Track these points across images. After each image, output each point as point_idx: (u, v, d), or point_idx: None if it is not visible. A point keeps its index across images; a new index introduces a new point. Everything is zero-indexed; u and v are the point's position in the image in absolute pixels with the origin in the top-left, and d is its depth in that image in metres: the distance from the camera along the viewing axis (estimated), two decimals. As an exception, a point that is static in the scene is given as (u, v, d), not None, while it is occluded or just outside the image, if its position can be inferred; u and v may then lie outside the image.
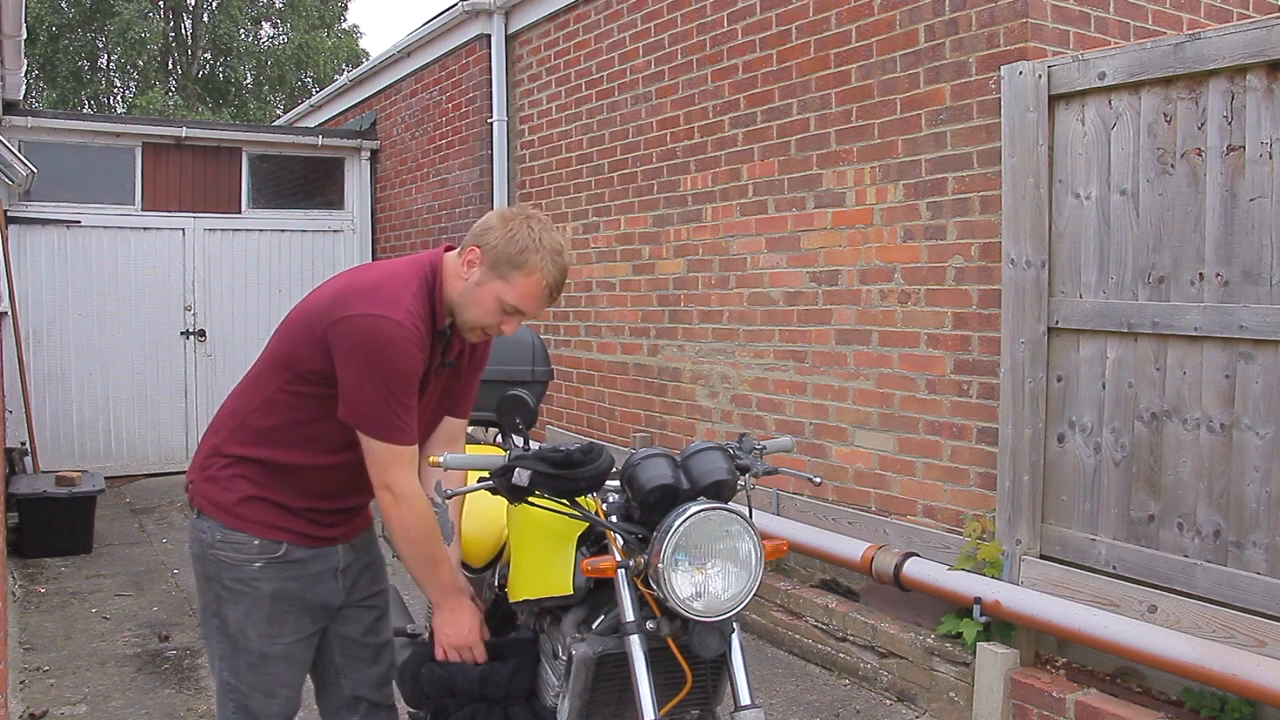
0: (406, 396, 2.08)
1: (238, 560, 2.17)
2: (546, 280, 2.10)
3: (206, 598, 2.24)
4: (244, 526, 2.17)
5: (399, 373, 2.06)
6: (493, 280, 2.10)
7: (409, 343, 2.05)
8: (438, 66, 7.91)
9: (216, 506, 2.20)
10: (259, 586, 2.17)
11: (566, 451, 2.10)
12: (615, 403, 6.09)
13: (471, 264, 2.12)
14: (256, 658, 2.20)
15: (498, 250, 2.09)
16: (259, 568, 2.17)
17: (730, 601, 2.01)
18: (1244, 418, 3.07)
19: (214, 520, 2.19)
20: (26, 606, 5.01)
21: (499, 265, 2.09)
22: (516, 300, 2.11)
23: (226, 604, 2.19)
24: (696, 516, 1.97)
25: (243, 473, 2.19)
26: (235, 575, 2.18)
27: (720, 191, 5.24)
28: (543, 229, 2.11)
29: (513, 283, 2.09)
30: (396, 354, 2.04)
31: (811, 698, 4.00)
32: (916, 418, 4.19)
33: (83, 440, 8.04)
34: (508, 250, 2.08)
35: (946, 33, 4.03)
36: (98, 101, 22.95)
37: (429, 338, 2.13)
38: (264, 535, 2.17)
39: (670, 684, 2.07)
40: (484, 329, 2.18)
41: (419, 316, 2.09)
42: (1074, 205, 3.55)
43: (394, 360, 2.04)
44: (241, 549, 2.17)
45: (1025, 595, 3.50)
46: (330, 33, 23.74)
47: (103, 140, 8.10)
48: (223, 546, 2.18)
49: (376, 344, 2.03)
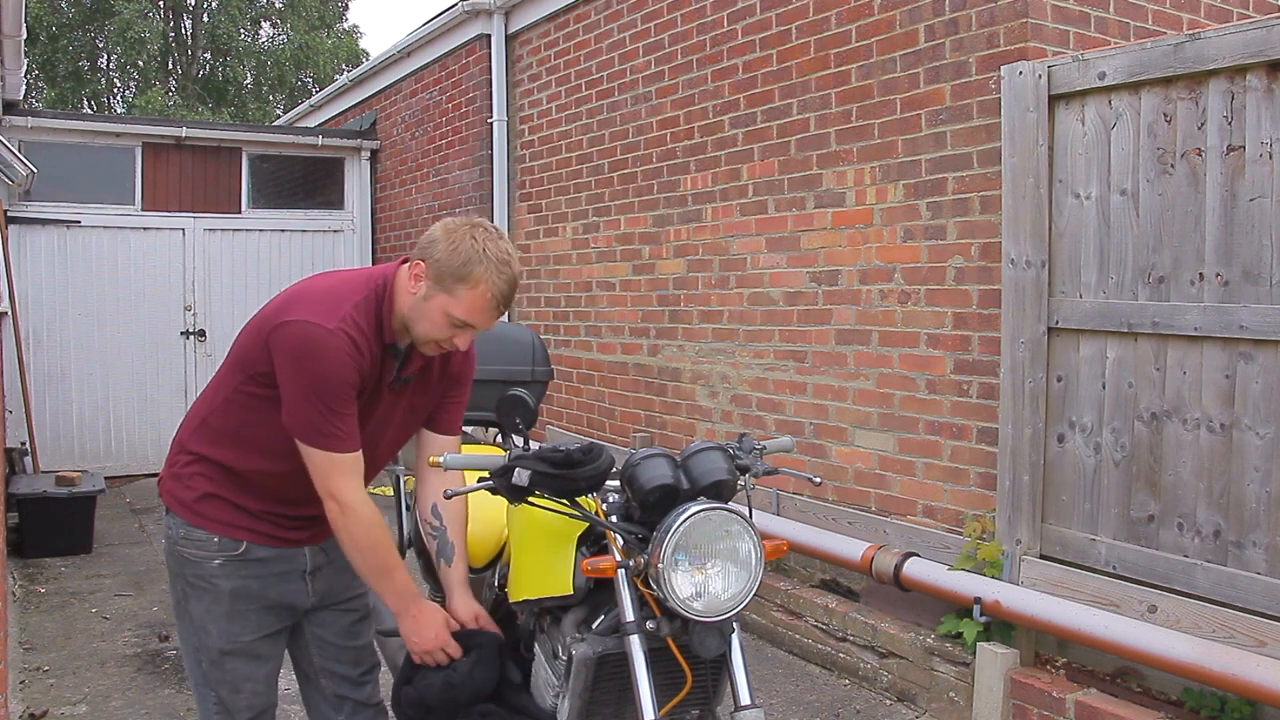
0: (342, 405, 2.06)
1: (198, 557, 2.19)
2: (492, 292, 2.06)
3: (175, 593, 2.27)
4: (203, 524, 2.19)
5: (331, 381, 2.03)
6: (438, 294, 2.07)
7: (340, 352, 2.03)
8: (438, 66, 7.91)
9: (179, 502, 2.22)
10: (218, 584, 2.18)
11: (566, 451, 2.10)
12: (615, 403, 6.09)
13: (418, 278, 2.09)
14: (217, 654, 2.22)
15: (441, 263, 2.06)
16: (218, 565, 2.18)
17: (730, 601, 2.01)
18: (1244, 418, 3.07)
19: (178, 516, 2.21)
20: (26, 606, 5.01)
21: (443, 278, 2.05)
22: (463, 314, 2.07)
23: (190, 599, 2.22)
24: (696, 516, 1.97)
25: (202, 471, 2.21)
26: (196, 571, 2.19)
27: (720, 191, 5.24)
28: (487, 238, 2.07)
29: (458, 296, 2.05)
30: (325, 363, 2.02)
31: (811, 698, 4.00)
32: (916, 418, 4.19)
33: (83, 440, 8.04)
34: (451, 263, 2.05)
35: (946, 33, 4.03)
36: (97, 101, 22.96)
37: (372, 349, 2.11)
38: (223, 533, 2.18)
39: (670, 684, 2.07)
40: (437, 343, 2.14)
41: (356, 327, 2.07)
42: (1074, 205, 3.55)
43: (324, 369, 2.03)
44: (202, 545, 2.18)
45: (1025, 595, 3.50)
46: (330, 33, 23.74)
47: (103, 140, 8.10)
48: (185, 543, 2.19)
49: (307, 351, 2.02)
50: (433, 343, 2.14)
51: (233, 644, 2.22)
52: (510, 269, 2.09)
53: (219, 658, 2.22)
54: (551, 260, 6.73)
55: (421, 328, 2.11)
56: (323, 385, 2.04)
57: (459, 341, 2.13)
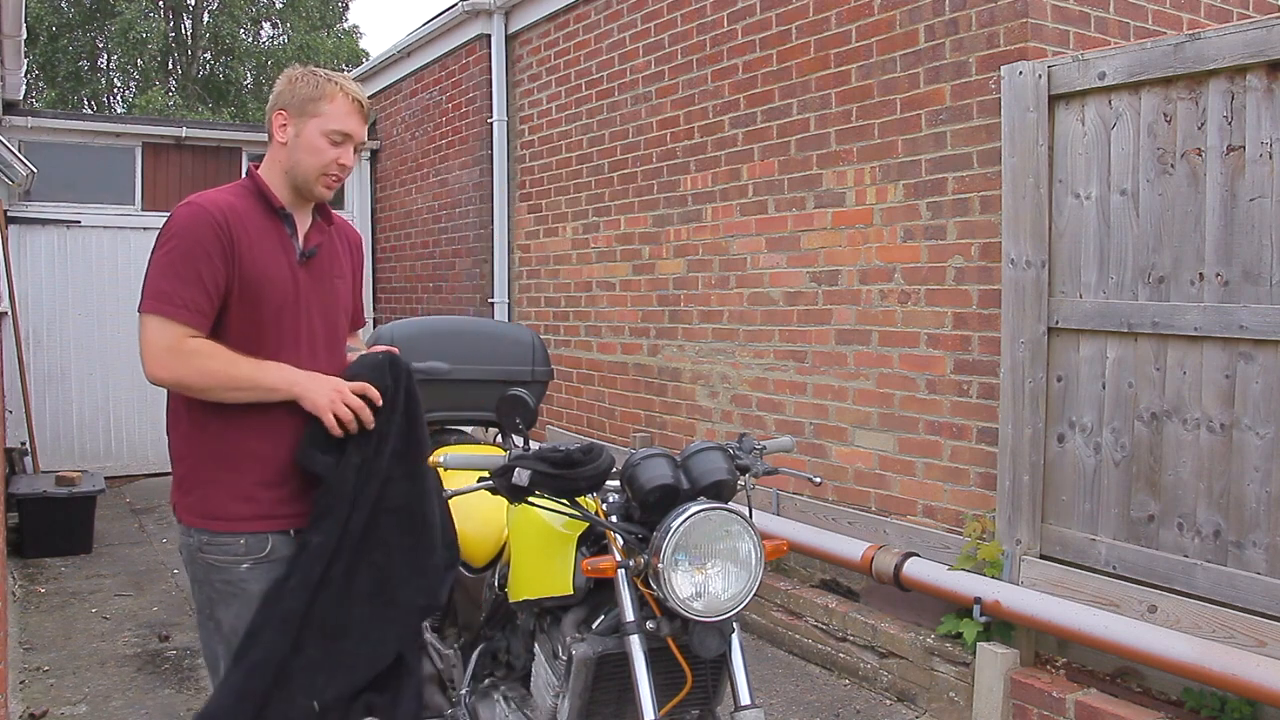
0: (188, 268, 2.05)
1: (226, 562, 2.17)
2: (349, 93, 2.21)
3: (199, 600, 2.25)
4: (226, 527, 2.17)
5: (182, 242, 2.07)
6: (306, 122, 2.18)
7: (187, 215, 2.09)
8: (438, 66, 7.91)
9: (196, 515, 2.20)
10: (248, 588, 2.17)
11: (566, 451, 2.10)
12: (615, 403, 6.09)
13: (284, 126, 2.20)
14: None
15: (295, 95, 2.19)
16: (246, 569, 2.17)
17: (730, 601, 2.01)
18: (1244, 418, 3.07)
19: (199, 528, 2.19)
20: (26, 606, 5.01)
21: (304, 106, 2.18)
22: (338, 124, 2.19)
23: (218, 605, 2.20)
24: (696, 516, 1.97)
25: (191, 469, 2.21)
26: (224, 578, 2.18)
27: (720, 191, 5.24)
28: (324, 69, 2.27)
29: (324, 113, 2.18)
30: (173, 223, 2.10)
31: (811, 698, 4.00)
32: (916, 418, 4.19)
33: (83, 440, 8.04)
34: (305, 92, 2.19)
35: (946, 33, 4.03)
36: (98, 101, 22.95)
37: (256, 219, 2.16)
38: (246, 529, 2.16)
39: (670, 684, 2.07)
40: (323, 172, 2.20)
41: (219, 201, 2.13)
42: (1074, 205, 3.55)
43: (171, 228, 2.09)
44: (228, 550, 2.17)
45: (1025, 595, 3.50)
46: (330, 33, 23.73)
47: (103, 140, 8.11)
48: (210, 549, 2.18)
49: (168, 226, 2.11)
50: (320, 175, 2.21)
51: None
52: (354, 82, 2.26)
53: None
54: (551, 260, 6.73)
55: (305, 162, 2.19)
56: (173, 245, 2.08)
57: (344, 159, 2.22)
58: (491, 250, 7.19)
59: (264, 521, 2.18)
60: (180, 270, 2.05)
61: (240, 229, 2.12)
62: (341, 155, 2.21)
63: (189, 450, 2.21)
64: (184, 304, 2.05)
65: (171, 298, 2.04)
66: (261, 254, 2.15)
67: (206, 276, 2.06)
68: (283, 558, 2.19)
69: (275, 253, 2.18)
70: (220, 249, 2.08)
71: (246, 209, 2.16)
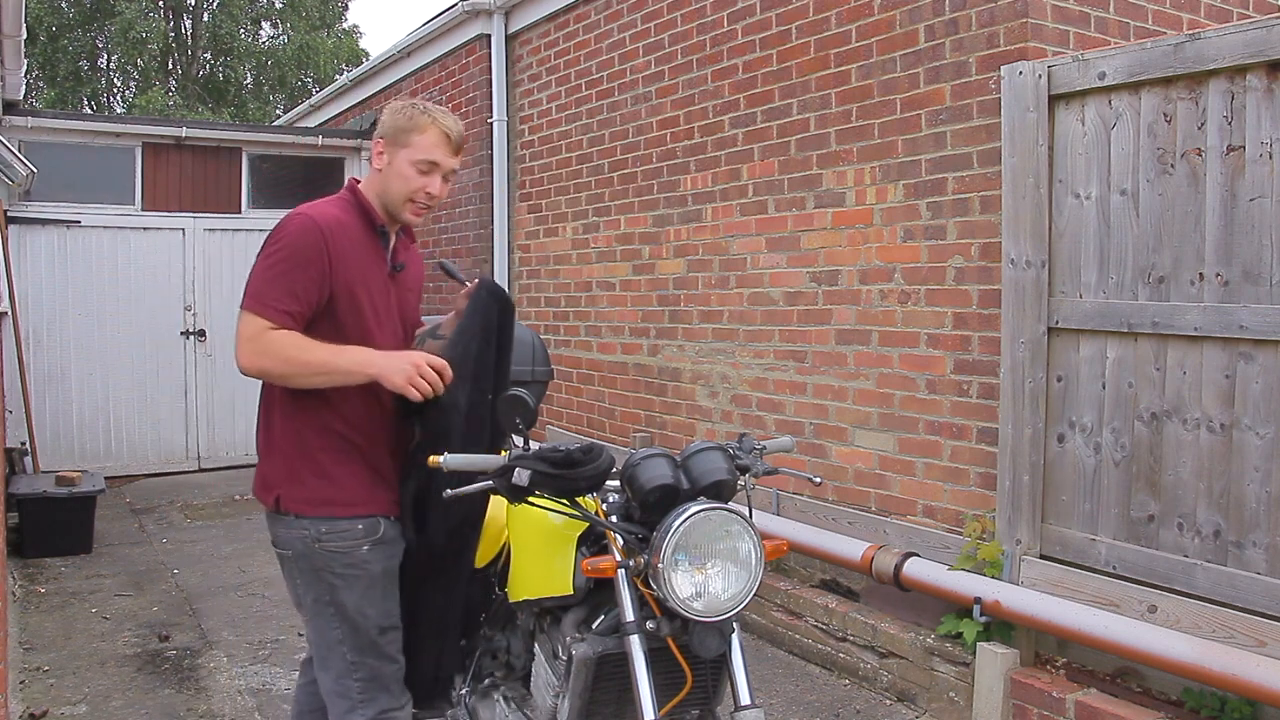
0: (284, 277, 2.22)
1: (347, 547, 2.30)
2: (442, 128, 2.35)
3: (318, 590, 2.33)
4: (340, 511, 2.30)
5: (283, 251, 2.23)
6: (398, 151, 2.35)
7: (295, 225, 2.25)
8: (438, 66, 7.91)
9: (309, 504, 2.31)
10: (370, 568, 2.32)
11: (566, 451, 2.10)
12: (615, 403, 6.09)
13: (380, 154, 2.38)
14: (377, 633, 2.34)
15: (391, 127, 2.36)
16: (368, 550, 2.31)
17: (730, 601, 2.01)
18: (1244, 418, 3.07)
19: (313, 518, 2.31)
20: (26, 606, 5.01)
21: (397, 137, 2.35)
22: (425, 154, 2.33)
23: (340, 591, 2.31)
24: (696, 516, 1.97)
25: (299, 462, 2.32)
26: (346, 561, 2.30)
27: (720, 191, 5.24)
28: (424, 102, 2.42)
29: (414, 143, 2.33)
30: (281, 231, 2.26)
31: (811, 698, 4.00)
32: (916, 418, 4.19)
33: (83, 440, 8.04)
34: (399, 123, 2.35)
35: (946, 33, 4.03)
36: (97, 101, 22.94)
37: (359, 233, 2.34)
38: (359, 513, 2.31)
39: (670, 684, 2.07)
40: (411, 198, 2.36)
41: (326, 213, 2.29)
42: (1074, 205, 3.55)
43: (278, 235, 2.25)
44: (347, 535, 2.30)
45: (1025, 595, 3.50)
46: (330, 33, 23.73)
47: (103, 140, 8.10)
48: (329, 538, 2.29)
49: (276, 234, 2.27)
50: (409, 201, 2.36)
51: (389, 619, 2.36)
52: (452, 117, 2.40)
53: (378, 636, 2.34)
54: (551, 260, 6.73)
55: (394, 187, 2.36)
56: (277, 255, 2.23)
57: (431, 188, 2.36)
58: (491, 250, 7.19)
59: (371, 505, 2.33)
60: (278, 276, 2.22)
61: (342, 242, 2.28)
62: (429, 184, 2.36)
63: (293, 445, 2.32)
64: (273, 305, 2.21)
65: (264, 298, 2.21)
66: (359, 265, 2.32)
67: (300, 285, 2.22)
68: (392, 539, 2.36)
69: (372, 265, 2.36)
70: (320, 260, 2.24)
71: (350, 223, 2.33)
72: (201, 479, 8.24)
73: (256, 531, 6.57)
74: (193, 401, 8.43)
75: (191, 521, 6.89)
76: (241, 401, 8.61)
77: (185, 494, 7.70)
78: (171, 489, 7.83)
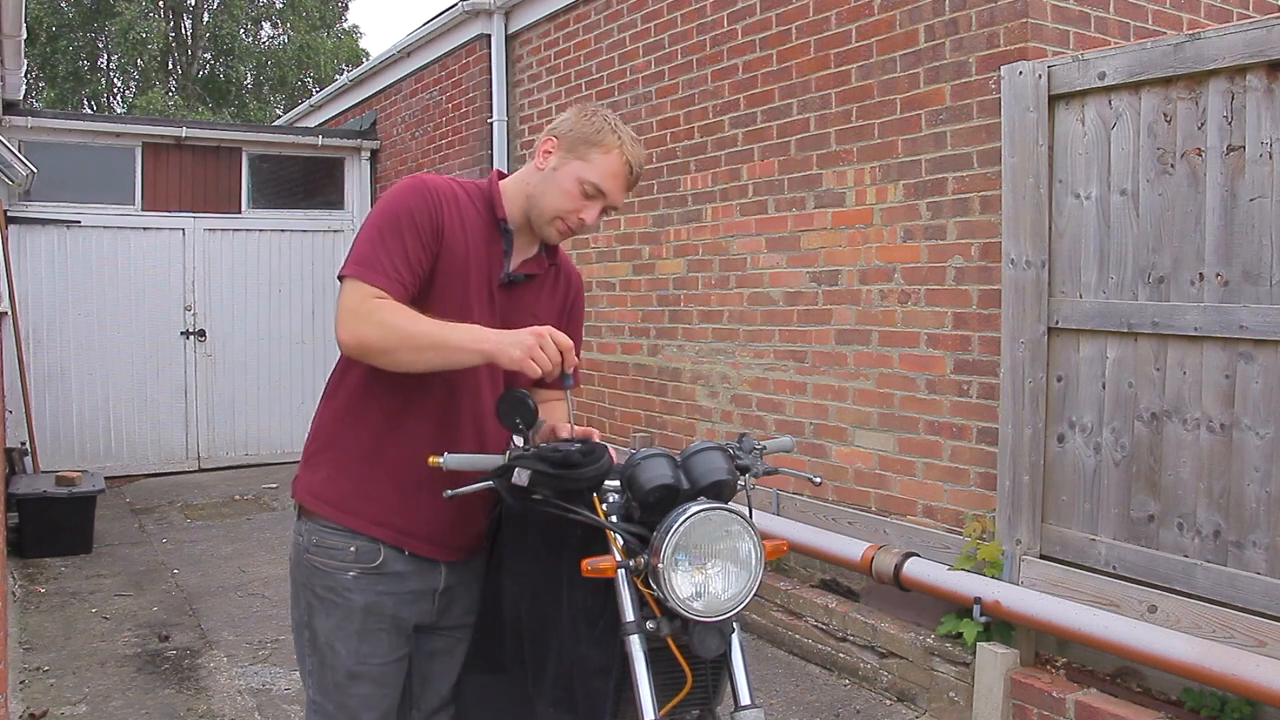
0: (393, 234, 1.93)
1: (331, 567, 2.03)
2: (627, 157, 2.03)
3: (298, 609, 2.10)
4: (339, 517, 2.03)
5: (392, 208, 1.95)
6: (571, 161, 2.03)
7: (409, 188, 1.98)
8: (438, 66, 7.91)
9: (314, 496, 2.07)
10: (351, 598, 2.02)
11: (566, 451, 2.10)
12: (615, 403, 6.09)
13: (548, 153, 2.06)
14: (344, 676, 2.04)
15: (575, 133, 2.03)
16: (352, 577, 2.02)
17: (730, 601, 2.00)
18: (1244, 418, 3.07)
19: (314, 518, 2.06)
20: (26, 606, 5.01)
21: (576, 146, 2.03)
22: (598, 178, 2.02)
23: (317, 615, 2.05)
24: (696, 517, 1.97)
25: (336, 456, 2.07)
26: (327, 584, 2.03)
27: (720, 191, 5.24)
28: (617, 119, 2.08)
29: (592, 161, 2.02)
30: (393, 195, 1.98)
31: (811, 698, 4.00)
32: (916, 418, 4.19)
33: (83, 440, 8.04)
34: (584, 130, 2.03)
35: (946, 33, 4.03)
36: (98, 101, 22.96)
37: (476, 214, 2.04)
38: (361, 529, 2.02)
39: (670, 684, 2.06)
40: (563, 219, 2.06)
41: (450, 184, 2.02)
42: (1074, 205, 3.55)
43: (390, 198, 1.98)
44: (336, 555, 2.03)
45: (1025, 595, 3.50)
46: (330, 33, 23.75)
47: (103, 140, 8.10)
48: (318, 551, 2.04)
49: (384, 196, 2.01)
50: (558, 220, 2.06)
51: (362, 665, 2.04)
52: (641, 145, 2.08)
53: (345, 680, 2.04)
54: (551, 260, 6.72)
55: (549, 199, 2.04)
56: (385, 215, 1.95)
57: (586, 215, 2.06)
58: (491, 250, 7.18)
59: (382, 528, 2.03)
60: (385, 236, 1.93)
61: (453, 218, 1.99)
62: (586, 210, 2.05)
63: (335, 430, 2.07)
64: (380, 269, 1.90)
65: (369, 261, 1.91)
66: (464, 254, 2.01)
67: (411, 247, 1.93)
68: (394, 573, 2.04)
69: (480, 259, 2.04)
70: (430, 225, 1.96)
71: (468, 203, 2.04)
72: (201, 479, 8.24)
73: (256, 531, 6.58)
74: (193, 401, 8.44)
75: (191, 521, 6.89)
76: (241, 401, 8.63)
77: (185, 494, 7.70)
78: (171, 489, 7.84)
